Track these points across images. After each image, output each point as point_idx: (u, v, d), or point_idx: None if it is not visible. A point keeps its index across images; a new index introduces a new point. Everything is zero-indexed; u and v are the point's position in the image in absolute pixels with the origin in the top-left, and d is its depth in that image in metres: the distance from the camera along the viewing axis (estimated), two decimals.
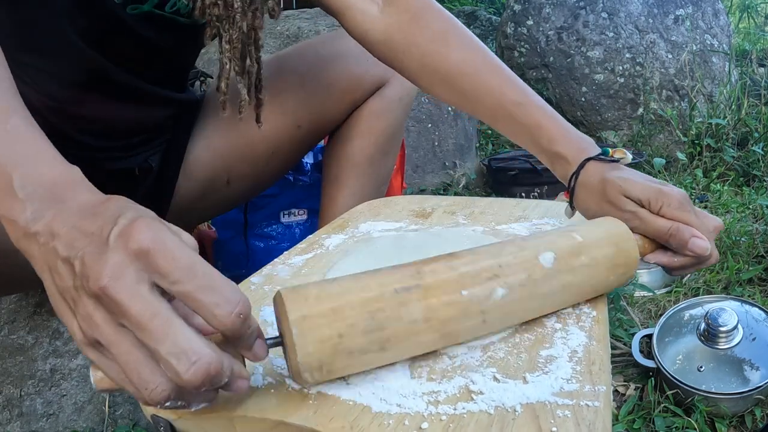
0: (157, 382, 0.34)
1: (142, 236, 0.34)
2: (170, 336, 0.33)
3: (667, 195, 0.56)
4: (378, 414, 0.38)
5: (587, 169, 0.62)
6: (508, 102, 0.67)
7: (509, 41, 2.22)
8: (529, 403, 0.38)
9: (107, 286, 0.33)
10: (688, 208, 0.56)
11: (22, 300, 0.96)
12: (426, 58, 0.72)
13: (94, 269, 0.34)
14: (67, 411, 0.85)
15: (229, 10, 0.70)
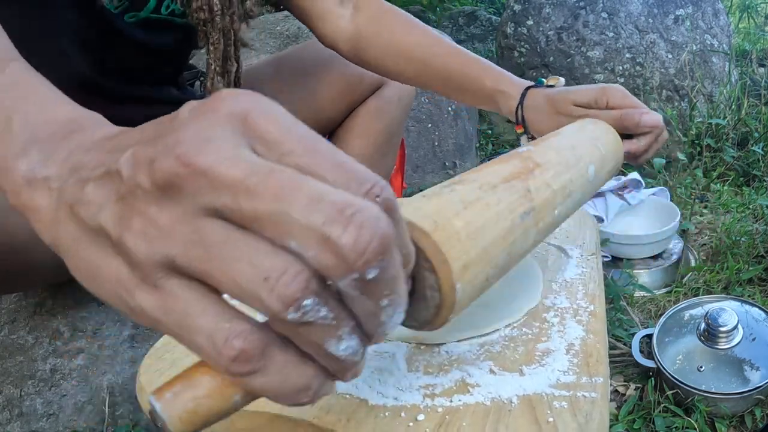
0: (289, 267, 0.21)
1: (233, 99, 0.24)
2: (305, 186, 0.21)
3: (609, 89, 0.64)
4: (374, 407, 0.38)
5: (530, 95, 0.72)
6: (454, 62, 0.78)
7: (509, 41, 2.22)
8: (526, 395, 0.38)
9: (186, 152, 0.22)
10: (630, 96, 0.63)
11: (22, 300, 0.96)
12: (390, 45, 0.82)
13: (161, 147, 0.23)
14: (67, 411, 0.85)
15: (212, 13, 0.74)
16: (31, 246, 0.69)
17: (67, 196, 0.26)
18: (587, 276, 0.56)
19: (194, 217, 0.22)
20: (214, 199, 0.22)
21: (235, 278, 0.21)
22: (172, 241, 0.23)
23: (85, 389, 0.86)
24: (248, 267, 0.21)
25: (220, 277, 0.22)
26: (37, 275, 0.76)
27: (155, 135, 0.24)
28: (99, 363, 0.88)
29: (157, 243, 0.23)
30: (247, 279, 0.21)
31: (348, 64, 0.96)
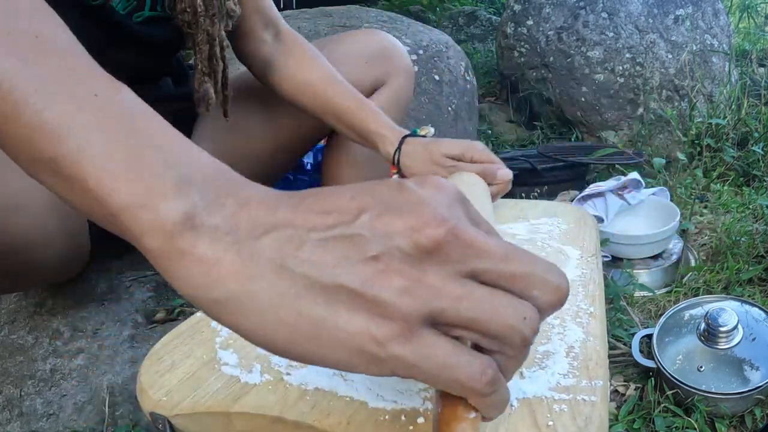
0: (531, 309, 0.28)
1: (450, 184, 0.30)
2: (534, 256, 0.29)
3: (473, 146, 0.78)
4: (374, 409, 0.38)
5: (407, 143, 0.83)
6: (347, 103, 0.87)
7: (509, 41, 2.22)
8: (526, 398, 0.38)
9: (456, 225, 0.27)
10: (489, 151, 0.78)
11: (22, 300, 0.96)
12: (296, 78, 0.90)
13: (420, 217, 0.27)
14: (67, 411, 0.85)
15: (195, 15, 0.77)
16: (31, 246, 0.69)
17: (269, 252, 0.27)
18: (587, 277, 0.56)
19: (459, 276, 0.27)
20: (478, 263, 0.27)
21: (504, 319, 0.27)
22: (442, 297, 0.27)
23: (85, 389, 0.86)
24: (512, 311, 0.28)
25: (488, 322, 0.27)
26: (37, 275, 0.76)
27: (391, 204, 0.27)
28: (99, 363, 0.88)
29: (425, 298, 0.26)
30: (513, 319, 0.27)
31: (347, 64, 0.96)
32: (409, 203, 0.27)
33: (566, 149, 1.83)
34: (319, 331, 0.26)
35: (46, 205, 0.70)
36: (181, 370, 0.44)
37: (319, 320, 0.26)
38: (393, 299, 0.26)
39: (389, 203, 0.27)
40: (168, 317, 0.97)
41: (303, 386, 0.41)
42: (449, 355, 0.27)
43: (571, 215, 0.72)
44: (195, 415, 0.40)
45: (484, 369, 0.27)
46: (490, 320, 0.27)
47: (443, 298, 0.26)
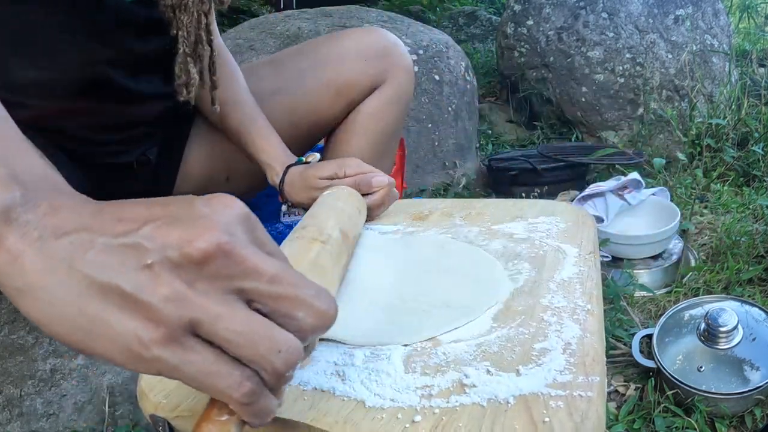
0: (290, 341, 0.30)
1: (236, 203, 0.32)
2: (305, 280, 0.31)
3: (345, 162, 0.78)
4: (371, 408, 0.38)
5: (289, 173, 0.85)
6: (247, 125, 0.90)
7: (509, 41, 2.22)
8: (522, 395, 0.38)
9: (228, 242, 0.29)
10: (363, 165, 0.77)
11: None
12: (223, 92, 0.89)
13: (194, 231, 0.29)
14: (67, 411, 0.85)
15: None
16: None
17: (63, 252, 0.29)
18: (585, 275, 0.56)
19: (224, 293, 0.29)
20: (244, 282, 0.29)
21: (255, 348, 0.29)
22: (203, 310, 0.28)
23: (85, 389, 0.86)
24: (268, 341, 0.29)
25: (242, 346, 0.29)
26: None
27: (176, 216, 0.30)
28: (99, 363, 0.89)
29: (187, 309, 0.28)
30: (265, 349, 0.29)
31: (347, 64, 0.96)
32: (191, 217, 0.30)
33: (566, 149, 1.83)
34: (94, 328, 0.29)
35: None
36: None
37: (95, 318, 0.29)
38: (159, 305, 0.28)
39: (175, 216, 0.30)
40: None
41: (300, 386, 0.41)
42: (209, 363, 0.29)
43: (569, 214, 0.72)
44: (195, 417, 0.40)
45: (242, 381, 0.29)
46: (243, 346, 0.29)
47: (202, 313, 0.28)
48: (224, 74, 0.89)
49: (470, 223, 0.72)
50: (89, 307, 0.29)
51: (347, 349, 0.46)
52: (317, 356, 0.45)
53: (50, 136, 0.80)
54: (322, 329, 0.31)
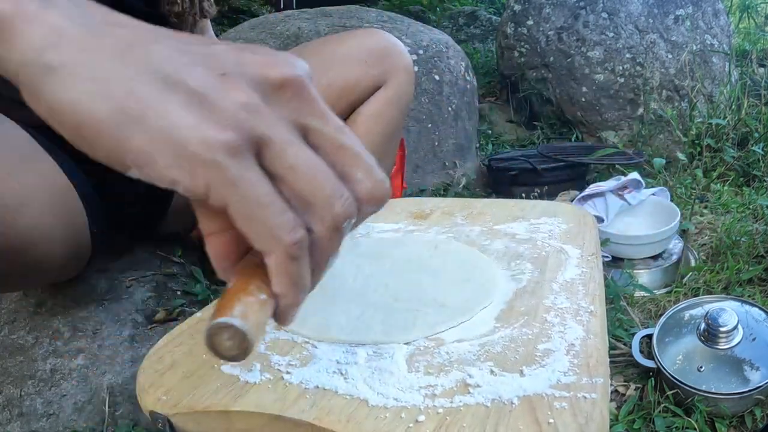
0: (349, 195, 0.27)
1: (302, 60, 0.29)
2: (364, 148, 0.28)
3: None
4: (374, 407, 0.38)
5: None
6: None
7: (509, 41, 2.22)
8: (526, 396, 0.38)
9: (305, 77, 0.27)
10: None
11: (22, 300, 0.96)
12: None
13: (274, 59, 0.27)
14: (67, 411, 0.85)
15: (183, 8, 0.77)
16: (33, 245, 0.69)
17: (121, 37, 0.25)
18: (587, 276, 0.56)
19: (291, 123, 0.26)
20: (312, 120, 0.27)
21: (320, 187, 0.26)
22: (276, 129, 0.26)
23: (85, 389, 0.86)
24: (328, 184, 0.26)
25: (303, 182, 0.26)
26: (38, 275, 0.76)
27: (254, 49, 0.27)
28: (99, 363, 0.88)
29: (260, 122, 0.25)
30: (330, 189, 0.26)
31: (347, 65, 0.96)
32: (270, 53, 0.27)
33: (566, 149, 1.83)
34: (145, 114, 0.24)
35: (48, 204, 0.70)
36: (180, 369, 0.44)
37: (148, 103, 0.24)
38: (231, 109, 0.25)
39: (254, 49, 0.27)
40: (168, 317, 0.97)
41: (302, 384, 0.41)
42: (267, 193, 0.25)
43: (571, 215, 0.72)
44: (195, 414, 0.40)
45: (295, 225, 0.26)
46: (310, 178, 0.26)
47: (274, 132, 0.26)
48: None
49: (471, 223, 0.72)
50: (144, 91, 0.25)
51: (349, 347, 0.46)
52: (319, 354, 0.45)
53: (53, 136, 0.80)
54: (375, 204, 0.28)
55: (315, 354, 0.45)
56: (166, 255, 1.09)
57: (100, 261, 1.00)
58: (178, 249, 1.11)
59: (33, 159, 0.73)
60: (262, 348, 0.46)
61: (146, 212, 0.97)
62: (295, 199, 0.26)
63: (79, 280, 0.96)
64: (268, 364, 0.44)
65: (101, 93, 0.25)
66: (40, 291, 0.96)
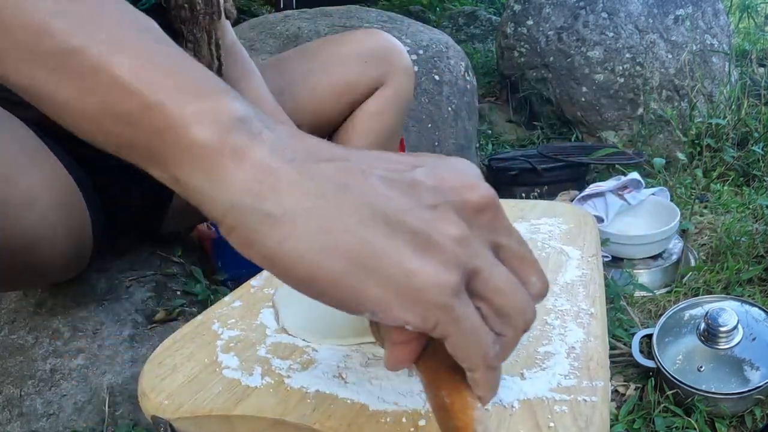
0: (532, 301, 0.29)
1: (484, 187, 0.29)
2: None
3: None
4: (375, 412, 0.38)
5: None
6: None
7: (509, 41, 2.22)
8: (527, 399, 0.38)
9: (494, 196, 0.27)
10: None
11: (22, 300, 0.96)
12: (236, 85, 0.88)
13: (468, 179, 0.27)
14: (67, 411, 0.85)
15: (194, 12, 0.76)
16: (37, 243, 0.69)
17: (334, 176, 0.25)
18: (588, 278, 0.56)
19: (489, 243, 0.28)
20: (503, 238, 0.28)
21: (517, 299, 0.28)
22: (484, 258, 0.27)
23: (85, 389, 0.86)
24: (522, 297, 0.28)
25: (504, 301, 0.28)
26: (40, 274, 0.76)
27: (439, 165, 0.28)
28: (99, 363, 0.88)
29: (472, 255, 0.26)
30: (521, 306, 0.28)
31: (348, 65, 0.96)
32: (455, 168, 0.28)
33: (566, 149, 1.83)
34: (381, 264, 0.25)
35: (53, 204, 0.70)
36: (182, 374, 0.44)
37: (380, 251, 0.25)
38: (450, 246, 0.25)
39: (439, 165, 0.28)
40: (168, 317, 0.97)
41: (304, 389, 0.41)
42: (480, 324, 0.27)
43: (571, 215, 0.72)
44: (196, 418, 0.40)
45: (493, 341, 0.28)
46: (510, 295, 0.27)
47: (483, 261, 0.27)
48: (238, 72, 0.88)
49: None
50: (374, 239, 0.25)
51: (350, 351, 0.46)
52: (320, 359, 0.45)
53: (58, 138, 0.80)
54: (541, 299, 0.30)
55: (316, 358, 0.45)
56: (166, 255, 1.09)
57: (100, 261, 1.00)
58: (178, 249, 1.11)
59: (40, 158, 0.73)
60: (263, 352, 0.46)
61: (147, 212, 0.97)
62: (492, 313, 0.28)
63: (79, 280, 0.96)
64: (269, 368, 0.44)
65: (334, 246, 0.24)
66: (40, 291, 0.96)
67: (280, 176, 0.25)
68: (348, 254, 0.24)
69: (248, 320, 0.52)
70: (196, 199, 0.26)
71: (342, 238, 0.24)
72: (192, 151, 0.25)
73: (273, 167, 0.25)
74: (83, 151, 0.84)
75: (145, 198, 0.93)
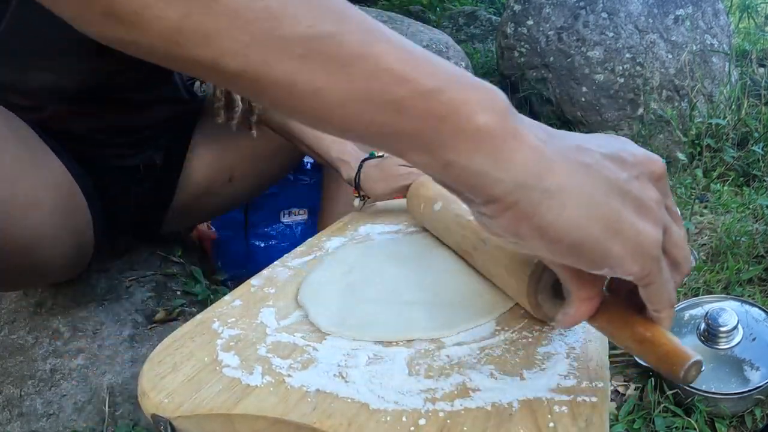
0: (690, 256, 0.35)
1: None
2: None
3: None
4: (376, 411, 0.38)
5: (366, 166, 0.83)
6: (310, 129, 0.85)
7: (509, 41, 2.22)
8: (527, 399, 0.38)
9: (664, 166, 0.34)
10: None
11: (22, 300, 0.96)
12: None
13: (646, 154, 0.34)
14: (67, 411, 0.85)
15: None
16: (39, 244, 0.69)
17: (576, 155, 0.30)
18: None
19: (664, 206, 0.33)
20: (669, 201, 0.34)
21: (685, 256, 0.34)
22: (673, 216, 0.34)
23: (85, 389, 0.86)
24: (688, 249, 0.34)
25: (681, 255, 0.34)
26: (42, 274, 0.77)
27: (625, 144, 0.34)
28: (99, 363, 0.88)
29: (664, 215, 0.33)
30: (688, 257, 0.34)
31: None
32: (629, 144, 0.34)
33: None
34: (622, 228, 0.30)
35: (56, 205, 0.71)
36: (182, 373, 0.44)
37: (622, 218, 0.30)
38: (655, 209, 0.32)
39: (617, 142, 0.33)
40: (168, 317, 0.97)
41: (304, 388, 0.41)
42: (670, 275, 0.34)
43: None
44: (196, 417, 0.40)
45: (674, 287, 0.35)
46: (683, 249, 0.34)
47: (668, 220, 0.33)
48: None
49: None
50: (616, 207, 0.30)
51: (351, 350, 0.46)
52: (321, 358, 0.45)
53: (60, 139, 0.80)
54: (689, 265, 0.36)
55: (316, 357, 0.45)
56: (166, 255, 1.09)
57: (100, 261, 1.00)
58: (178, 249, 1.11)
59: (43, 159, 0.73)
60: (263, 351, 0.47)
61: (147, 213, 0.98)
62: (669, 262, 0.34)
63: (79, 280, 0.96)
64: (269, 367, 0.44)
65: (595, 215, 0.30)
66: (40, 291, 0.96)
67: (549, 157, 0.29)
68: (603, 221, 0.30)
69: (248, 319, 0.52)
70: (472, 181, 0.29)
71: (599, 208, 0.30)
72: (478, 135, 0.28)
73: (541, 149, 0.29)
74: (85, 152, 0.85)
75: (145, 198, 0.93)
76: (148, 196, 0.94)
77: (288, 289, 0.58)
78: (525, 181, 0.28)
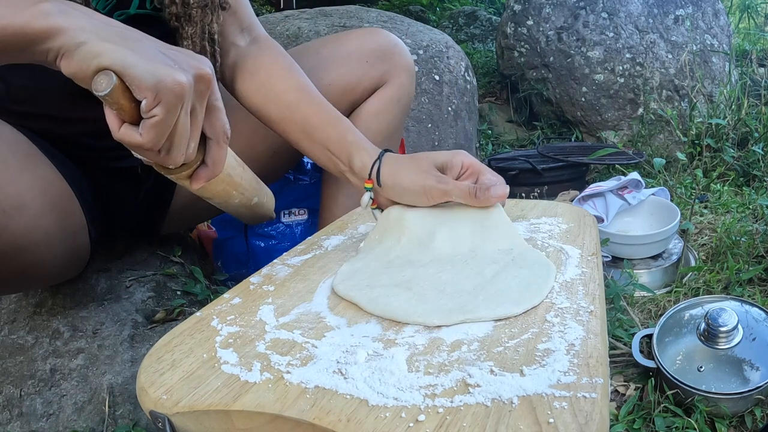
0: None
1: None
2: None
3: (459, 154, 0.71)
4: (375, 407, 0.38)
5: (390, 155, 0.75)
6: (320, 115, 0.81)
7: (509, 41, 2.22)
8: (526, 396, 0.38)
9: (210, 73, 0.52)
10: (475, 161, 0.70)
11: (22, 300, 0.96)
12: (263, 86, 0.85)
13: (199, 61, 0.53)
14: (67, 411, 0.85)
15: (186, 7, 0.76)
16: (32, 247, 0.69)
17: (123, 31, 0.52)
18: (587, 276, 0.56)
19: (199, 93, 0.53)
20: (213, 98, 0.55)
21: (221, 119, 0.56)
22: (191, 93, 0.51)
23: (85, 389, 0.86)
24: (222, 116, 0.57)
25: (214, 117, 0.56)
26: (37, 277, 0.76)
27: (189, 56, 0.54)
28: (99, 363, 0.88)
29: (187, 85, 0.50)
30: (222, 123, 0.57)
31: (348, 65, 0.96)
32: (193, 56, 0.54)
33: (566, 149, 1.83)
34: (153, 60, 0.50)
35: (46, 206, 0.70)
36: (181, 369, 0.44)
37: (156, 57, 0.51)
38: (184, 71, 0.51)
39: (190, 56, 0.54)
40: (168, 317, 0.97)
41: (303, 384, 0.41)
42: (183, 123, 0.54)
43: (571, 215, 0.73)
44: (195, 413, 0.40)
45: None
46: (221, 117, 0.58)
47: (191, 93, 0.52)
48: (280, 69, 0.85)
49: None
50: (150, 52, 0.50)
51: (350, 347, 0.46)
52: (319, 354, 0.45)
53: (55, 142, 0.80)
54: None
55: (315, 354, 0.45)
56: (166, 255, 1.09)
57: (100, 261, 1.00)
58: (178, 249, 1.11)
59: (31, 163, 0.73)
60: (262, 347, 0.46)
61: (147, 213, 0.97)
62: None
63: (79, 280, 0.96)
64: (268, 363, 0.44)
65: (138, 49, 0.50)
66: (40, 291, 0.96)
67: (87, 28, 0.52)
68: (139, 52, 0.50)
69: (247, 316, 0.52)
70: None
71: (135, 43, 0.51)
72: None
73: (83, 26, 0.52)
74: (81, 155, 0.85)
75: (145, 197, 0.93)
76: (148, 196, 0.93)
77: (287, 286, 0.58)
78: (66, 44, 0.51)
